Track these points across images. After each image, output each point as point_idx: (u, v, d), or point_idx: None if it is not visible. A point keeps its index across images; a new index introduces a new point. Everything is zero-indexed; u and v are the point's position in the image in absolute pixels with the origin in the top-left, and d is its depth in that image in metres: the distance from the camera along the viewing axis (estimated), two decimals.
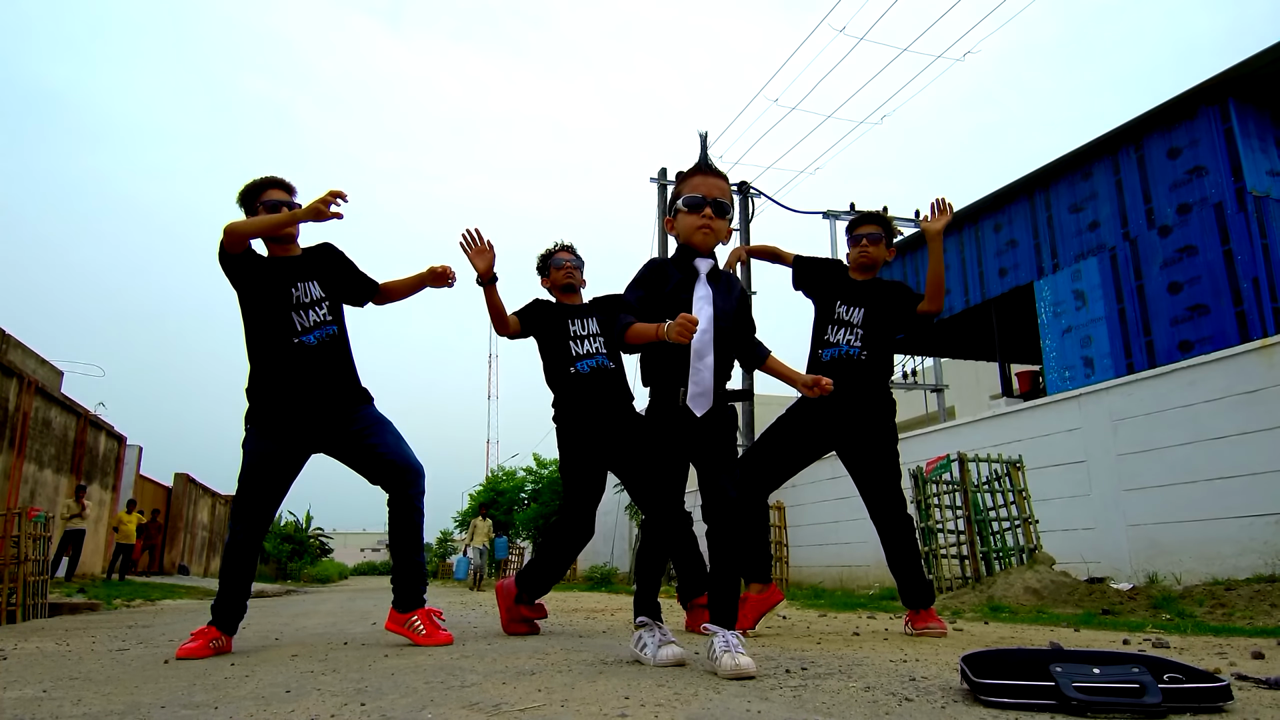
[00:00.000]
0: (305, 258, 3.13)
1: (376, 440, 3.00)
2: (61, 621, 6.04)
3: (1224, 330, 7.55)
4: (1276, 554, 6.35)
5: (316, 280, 3.08)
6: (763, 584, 3.40)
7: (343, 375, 3.05)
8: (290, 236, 3.09)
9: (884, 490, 3.34)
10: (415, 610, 3.00)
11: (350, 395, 3.05)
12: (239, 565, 2.92)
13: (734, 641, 2.02)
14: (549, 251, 3.78)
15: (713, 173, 2.38)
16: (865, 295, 3.52)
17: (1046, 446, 8.40)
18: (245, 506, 2.90)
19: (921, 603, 3.31)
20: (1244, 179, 7.55)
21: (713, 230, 2.34)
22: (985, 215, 10.51)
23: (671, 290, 2.33)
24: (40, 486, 13.76)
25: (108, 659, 2.77)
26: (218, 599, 2.90)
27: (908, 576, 3.30)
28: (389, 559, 3.14)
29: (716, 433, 2.27)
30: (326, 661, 2.42)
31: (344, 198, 2.84)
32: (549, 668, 2.15)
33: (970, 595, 5.60)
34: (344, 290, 3.20)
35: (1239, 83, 7.71)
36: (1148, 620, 3.90)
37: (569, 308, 3.66)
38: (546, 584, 3.46)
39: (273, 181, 3.09)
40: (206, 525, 27.74)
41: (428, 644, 2.87)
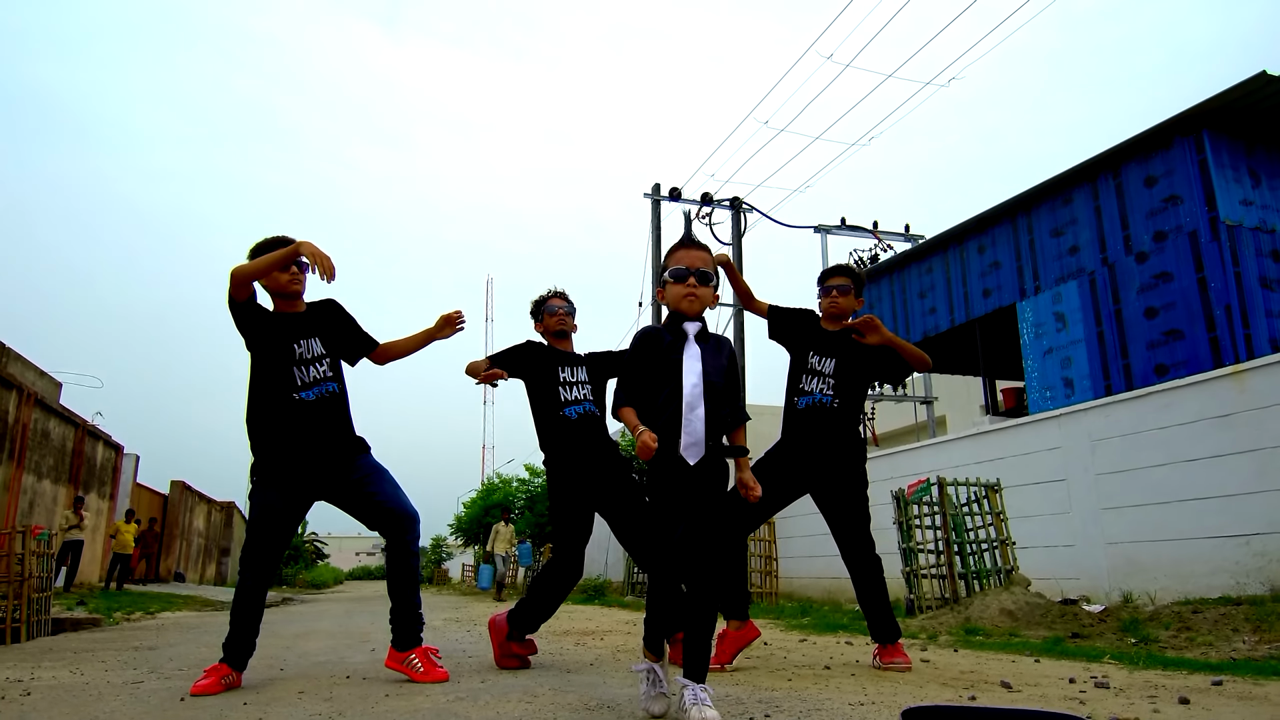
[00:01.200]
0: (309, 314, 3.31)
1: (375, 489, 3.19)
2: (67, 641, 6.20)
3: (1198, 355, 7.79)
4: (1246, 574, 6.58)
5: (319, 337, 3.25)
6: (740, 621, 3.57)
7: (339, 429, 3.23)
8: (296, 294, 3.27)
9: (854, 533, 3.56)
10: (413, 649, 3.18)
11: (347, 447, 3.24)
12: (249, 608, 3.11)
13: (702, 696, 2.21)
14: (543, 298, 3.96)
15: (695, 246, 2.62)
16: (836, 345, 3.71)
17: (1028, 465, 8.63)
18: (254, 554, 3.10)
19: (888, 638, 3.51)
20: (1217, 208, 7.79)
21: (698, 297, 2.56)
22: (970, 236, 10.75)
23: (663, 352, 2.54)
24: (39, 497, 13.90)
25: (125, 694, 2.96)
26: (229, 638, 3.09)
27: (876, 614, 3.52)
28: (383, 564, 3.35)
29: (708, 487, 2.44)
30: (332, 702, 2.62)
31: (330, 276, 3.01)
32: (539, 713, 2.36)
33: (948, 616, 5.80)
34: (342, 347, 3.36)
35: (1213, 115, 7.96)
36: (1108, 649, 4.11)
37: (560, 354, 3.84)
38: (537, 622, 3.63)
39: (281, 240, 3.28)
40: (202, 532, 27.86)
41: (424, 681, 3.06)
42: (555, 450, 3.69)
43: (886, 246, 16.52)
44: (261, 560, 3.10)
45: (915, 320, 11.84)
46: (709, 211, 15.63)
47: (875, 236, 16.71)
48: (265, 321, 3.19)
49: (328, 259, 2.98)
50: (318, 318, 3.33)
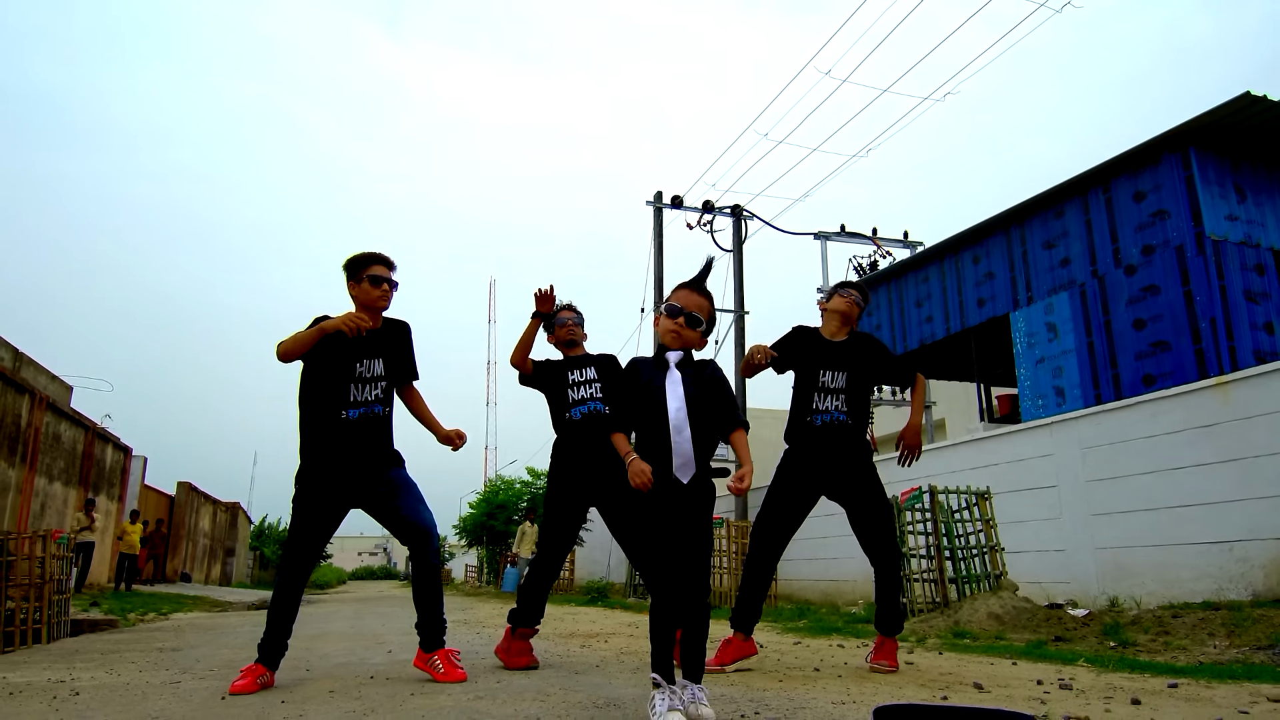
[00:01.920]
0: (381, 333, 3.54)
1: (399, 502, 3.45)
2: (90, 642, 6.44)
3: (1184, 366, 8.02)
4: (1229, 579, 6.82)
5: (382, 359, 3.50)
6: (745, 635, 3.81)
7: (378, 447, 3.48)
8: (380, 310, 3.53)
9: (879, 525, 3.78)
10: (437, 651, 3.45)
11: (383, 462, 3.49)
12: (286, 605, 3.38)
13: (700, 695, 2.43)
14: (554, 311, 4.21)
15: (698, 292, 2.76)
16: (847, 358, 3.86)
17: (1021, 471, 8.87)
18: (293, 554, 3.38)
19: (891, 630, 3.74)
20: (1203, 224, 8.03)
21: (680, 336, 2.72)
22: (965, 247, 10.99)
23: (646, 381, 2.72)
24: (50, 499, 14.14)
25: (168, 693, 3.20)
26: (266, 637, 3.35)
27: (887, 603, 3.76)
28: (384, 564, 3.64)
29: (696, 509, 2.62)
30: (362, 700, 2.86)
31: (363, 330, 3.32)
32: (551, 711, 2.61)
33: (938, 619, 6.05)
34: (396, 373, 3.59)
35: (1200, 132, 8.20)
36: (1085, 652, 4.35)
37: (570, 359, 4.11)
38: (536, 614, 3.91)
39: (377, 258, 3.52)
40: (208, 533, 28.12)
41: (445, 680, 3.32)
42: (558, 449, 3.98)
43: (886, 253, 16.75)
44: (300, 560, 3.38)
45: (912, 328, 12.09)
46: (710, 219, 15.89)
47: (874, 243, 16.94)
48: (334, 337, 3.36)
49: (360, 322, 3.29)
50: (387, 338, 3.56)
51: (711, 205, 15.77)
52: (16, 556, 6.90)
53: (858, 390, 3.85)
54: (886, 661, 3.69)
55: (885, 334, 12.73)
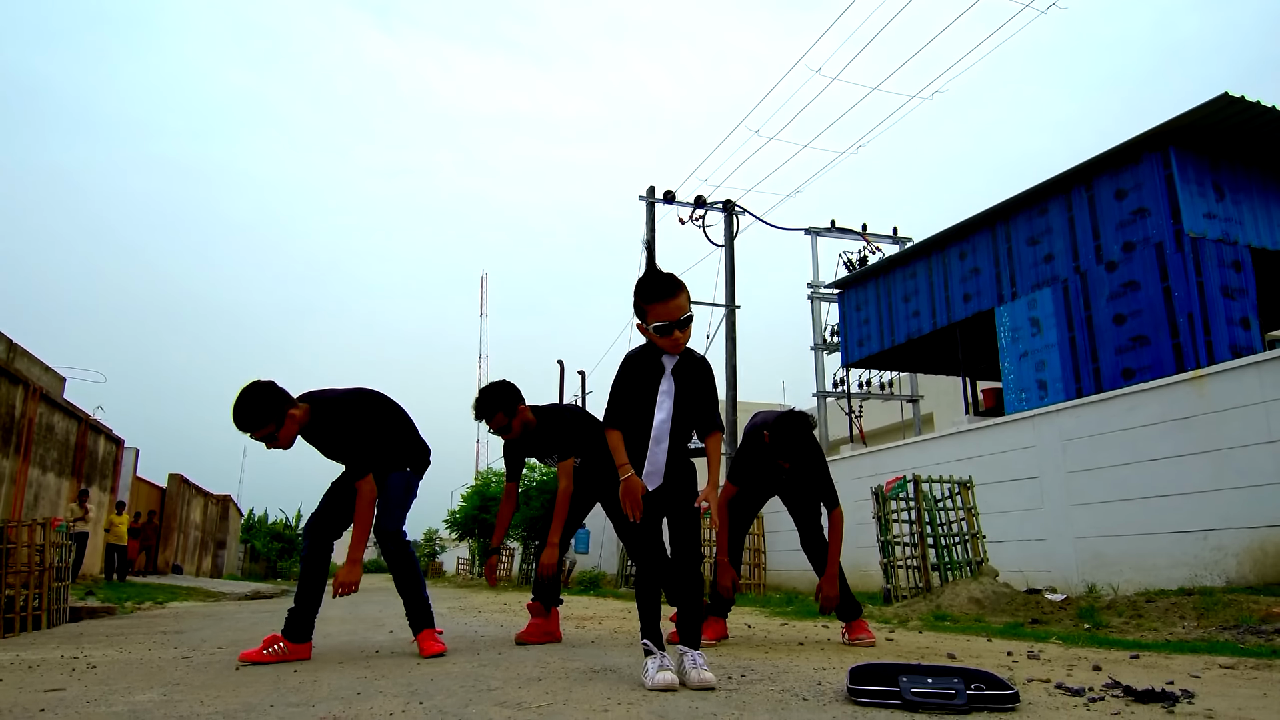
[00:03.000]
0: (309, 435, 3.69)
1: (379, 504, 3.71)
2: (91, 627, 6.56)
3: (1162, 360, 8.24)
4: (1203, 566, 7.04)
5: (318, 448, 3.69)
6: (720, 618, 4.16)
7: (379, 475, 3.70)
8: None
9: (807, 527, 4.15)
10: (420, 630, 3.66)
11: (388, 466, 3.74)
12: (314, 574, 3.64)
13: (699, 661, 2.56)
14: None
15: (673, 294, 2.75)
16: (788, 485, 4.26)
17: (1004, 462, 9.08)
18: (316, 524, 3.64)
19: (850, 615, 4.05)
20: (1182, 221, 8.24)
21: (680, 343, 2.79)
22: (952, 243, 11.19)
23: (642, 385, 2.82)
24: (44, 490, 14.20)
25: (183, 665, 3.35)
26: (294, 610, 3.57)
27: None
28: (378, 558, 3.86)
29: (676, 495, 2.79)
30: (371, 669, 3.02)
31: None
32: (551, 675, 2.78)
33: (921, 604, 6.24)
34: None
35: (1180, 132, 8.40)
36: (1057, 631, 4.54)
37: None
38: (555, 593, 4.20)
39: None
40: (199, 525, 28.15)
41: (425, 654, 3.50)
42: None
43: (875, 248, 16.95)
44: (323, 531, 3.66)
45: (899, 323, 12.28)
46: (702, 214, 16.04)
47: (864, 239, 17.14)
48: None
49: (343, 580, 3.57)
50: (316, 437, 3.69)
51: (703, 200, 15.93)
52: (16, 544, 7.02)
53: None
54: (864, 635, 3.93)
55: (873, 328, 12.93)
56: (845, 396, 15.89)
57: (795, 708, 2.10)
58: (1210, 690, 2.41)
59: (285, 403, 3.38)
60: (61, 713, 2.24)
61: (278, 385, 3.42)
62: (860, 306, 13.31)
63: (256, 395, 3.32)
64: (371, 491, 3.47)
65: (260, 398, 3.32)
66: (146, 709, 2.27)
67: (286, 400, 3.40)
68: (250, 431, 3.33)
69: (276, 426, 3.35)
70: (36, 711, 2.26)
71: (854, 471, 11.56)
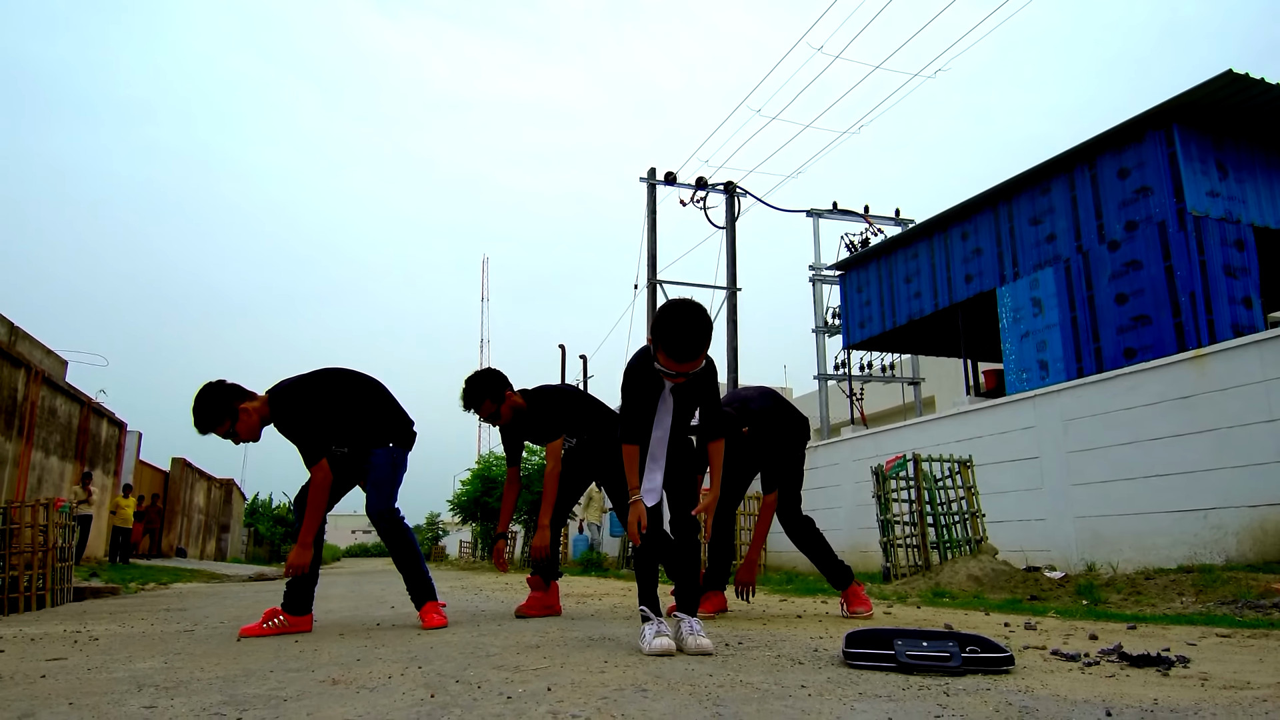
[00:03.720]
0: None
1: (367, 484, 3.73)
2: (95, 605, 6.60)
3: (1163, 340, 8.22)
4: (1203, 545, 7.05)
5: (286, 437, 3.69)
6: (719, 591, 4.17)
7: (359, 451, 3.73)
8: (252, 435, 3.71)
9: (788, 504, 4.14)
10: (422, 604, 3.69)
11: (367, 444, 3.73)
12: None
13: (696, 627, 2.59)
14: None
15: (688, 359, 2.57)
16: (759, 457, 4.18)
17: (1004, 443, 9.08)
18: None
19: (841, 583, 4.06)
20: (1185, 200, 8.20)
21: (678, 382, 2.69)
22: (954, 223, 11.15)
23: (644, 399, 2.79)
24: (47, 473, 14.25)
25: (185, 638, 3.37)
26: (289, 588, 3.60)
27: (822, 566, 4.09)
28: (378, 541, 3.88)
29: (678, 472, 2.87)
30: (372, 639, 3.04)
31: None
32: (550, 642, 2.79)
33: (920, 581, 6.26)
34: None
35: (1183, 110, 8.34)
36: (1055, 606, 4.56)
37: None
38: (554, 568, 4.22)
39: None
40: (203, 509, 28.28)
41: (427, 627, 3.54)
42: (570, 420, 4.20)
43: (877, 230, 16.90)
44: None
45: (901, 304, 12.26)
46: (703, 196, 15.99)
47: (866, 220, 17.08)
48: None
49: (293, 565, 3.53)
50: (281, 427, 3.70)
51: (705, 182, 15.87)
52: (19, 525, 7.06)
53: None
54: (862, 608, 3.94)
55: (875, 309, 12.90)
56: (847, 379, 15.88)
57: (790, 670, 2.11)
58: (1206, 656, 2.42)
59: (235, 398, 3.46)
60: (62, 679, 2.25)
61: (228, 383, 3.51)
62: (862, 288, 13.28)
63: (206, 396, 3.42)
64: (324, 478, 3.47)
65: (209, 398, 3.42)
66: (147, 675, 2.28)
67: (237, 395, 3.48)
68: (207, 431, 3.43)
69: (232, 422, 3.44)
70: (38, 678, 2.27)
71: (855, 453, 11.57)
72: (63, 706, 1.82)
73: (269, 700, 1.83)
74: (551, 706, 1.67)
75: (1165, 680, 1.99)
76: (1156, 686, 1.90)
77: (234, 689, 2.00)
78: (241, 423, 3.46)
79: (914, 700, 1.72)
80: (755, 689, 1.85)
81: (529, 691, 1.85)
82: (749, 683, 1.93)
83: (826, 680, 1.95)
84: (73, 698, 1.92)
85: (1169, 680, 1.99)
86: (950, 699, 1.73)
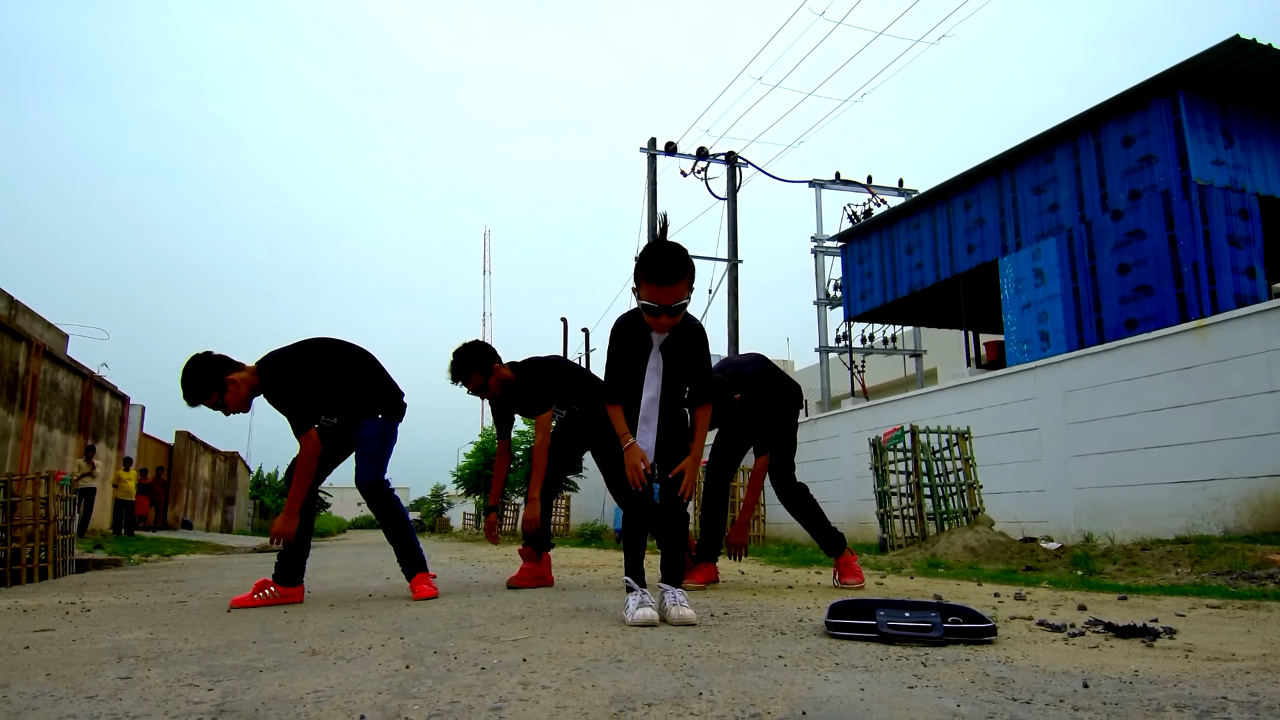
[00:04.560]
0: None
1: (356, 455, 3.71)
2: (95, 577, 6.65)
3: (1165, 310, 8.15)
4: (1201, 516, 7.04)
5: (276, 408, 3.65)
6: (711, 563, 4.15)
7: (348, 422, 3.69)
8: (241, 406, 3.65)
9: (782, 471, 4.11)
10: (412, 575, 3.69)
11: (357, 415, 3.70)
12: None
13: (680, 598, 2.62)
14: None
15: (671, 280, 2.62)
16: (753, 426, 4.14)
17: (1004, 414, 9.06)
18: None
19: (834, 551, 4.06)
20: (1190, 168, 8.09)
21: (668, 325, 2.72)
22: (956, 193, 11.03)
23: (632, 359, 2.82)
24: (50, 446, 14.31)
25: (176, 609, 3.38)
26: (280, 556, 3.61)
27: (814, 533, 4.07)
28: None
29: (668, 442, 2.87)
30: (361, 610, 3.04)
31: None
32: (535, 613, 2.79)
33: (915, 552, 6.26)
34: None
35: (1190, 76, 8.20)
36: (1049, 577, 4.55)
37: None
38: (546, 539, 4.21)
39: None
40: (208, 481, 28.45)
41: (417, 598, 3.55)
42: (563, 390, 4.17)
43: (880, 201, 16.76)
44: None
45: (903, 275, 12.18)
46: (705, 166, 15.86)
47: (869, 191, 16.94)
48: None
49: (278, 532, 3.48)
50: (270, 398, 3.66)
51: (706, 152, 15.72)
52: (20, 498, 7.09)
53: None
54: (854, 579, 3.93)
55: (876, 281, 12.82)
56: (847, 351, 15.84)
57: (771, 640, 2.10)
58: (1194, 627, 2.40)
59: (223, 369, 3.47)
60: (45, 650, 2.25)
61: (216, 355, 3.51)
62: (863, 259, 13.18)
63: (194, 368, 3.43)
64: (313, 448, 3.45)
65: (197, 369, 3.42)
66: (129, 645, 2.28)
67: (225, 367, 3.48)
68: (196, 403, 3.43)
69: (221, 394, 3.44)
70: (21, 649, 2.27)
71: (854, 425, 11.56)
72: (39, 677, 1.81)
73: (245, 671, 1.82)
74: (523, 677, 1.66)
75: (1149, 651, 1.97)
76: (1139, 658, 1.88)
77: (213, 660, 1.99)
78: (230, 394, 3.45)
79: (890, 671, 1.71)
80: (732, 659, 1.84)
81: (504, 663, 1.84)
82: (726, 653, 1.92)
83: (805, 651, 1.94)
84: (51, 669, 1.92)
85: (1153, 651, 1.97)
86: (927, 669, 1.72)
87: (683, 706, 1.38)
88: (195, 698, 1.55)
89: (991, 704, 1.40)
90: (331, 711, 1.40)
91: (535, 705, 1.41)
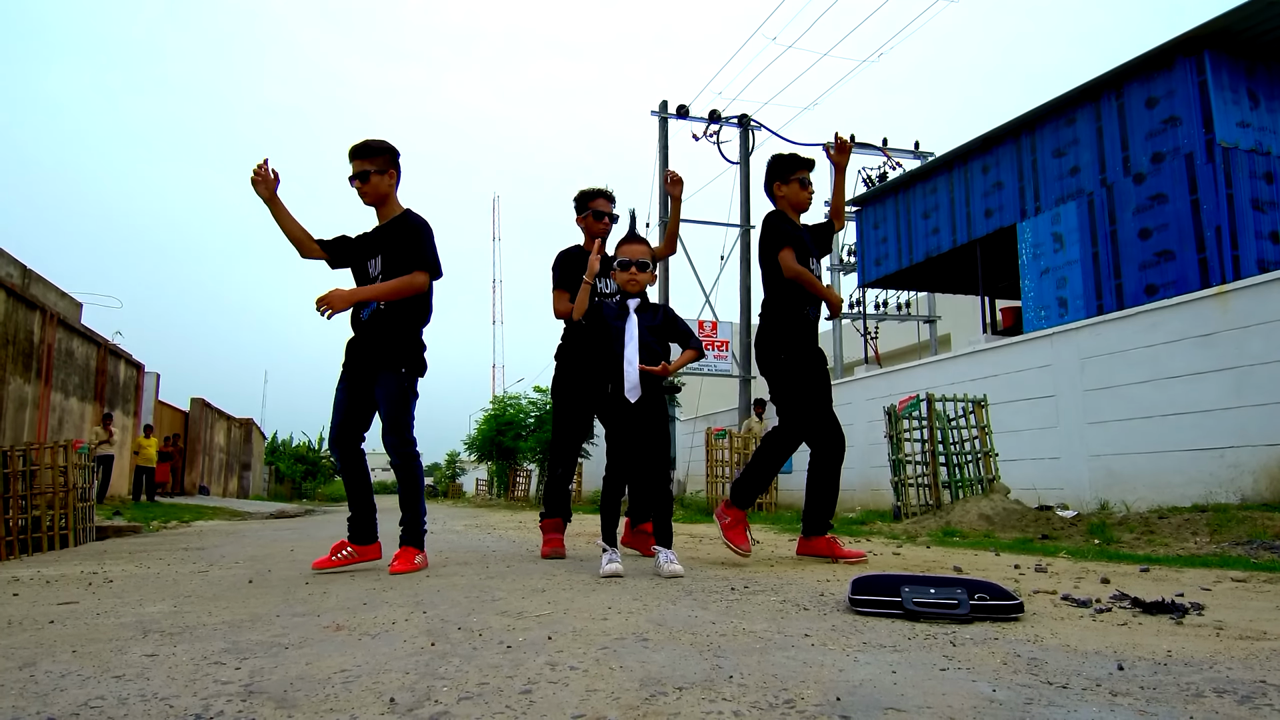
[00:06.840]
0: (382, 231, 3.61)
1: (381, 410, 3.56)
2: (116, 544, 6.72)
3: (1186, 276, 8.03)
4: (1219, 484, 6.99)
5: (381, 255, 3.55)
6: (744, 509, 3.74)
7: (384, 343, 3.53)
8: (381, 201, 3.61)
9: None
10: (400, 548, 3.56)
11: (383, 361, 3.53)
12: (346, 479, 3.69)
13: (671, 556, 3.12)
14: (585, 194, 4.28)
15: (635, 241, 3.49)
16: (817, 241, 3.87)
17: (1020, 381, 8.99)
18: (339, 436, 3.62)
19: (815, 530, 3.73)
20: (1214, 130, 7.91)
21: (637, 281, 3.40)
22: (974, 156, 10.85)
23: (610, 322, 3.35)
24: (67, 414, 14.44)
25: (198, 579, 3.40)
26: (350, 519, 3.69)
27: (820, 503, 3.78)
28: (394, 480, 3.75)
29: (645, 418, 3.26)
30: (383, 583, 3.05)
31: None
32: (556, 586, 2.79)
33: (930, 520, 6.26)
34: (398, 265, 3.55)
35: (1216, 36, 7.99)
36: (1067, 546, 4.53)
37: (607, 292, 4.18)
38: (564, 503, 4.24)
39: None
40: (223, 448, 28.73)
41: (393, 572, 3.39)
42: (563, 352, 4.17)
43: (896, 164, 16.52)
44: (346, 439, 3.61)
45: (919, 240, 12.03)
46: (717, 129, 15.63)
47: (885, 154, 16.70)
48: (351, 248, 3.65)
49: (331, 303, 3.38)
50: (388, 235, 3.58)
51: (718, 115, 15.49)
52: (39, 466, 7.17)
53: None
54: (849, 555, 3.70)
55: (891, 246, 12.68)
56: (861, 318, 15.73)
57: (795, 616, 2.09)
58: (1221, 603, 2.38)
59: (397, 159, 3.63)
60: (70, 624, 2.26)
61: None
62: (878, 224, 13.02)
63: (383, 140, 3.60)
64: (423, 285, 3.50)
65: (385, 143, 3.59)
66: (154, 619, 2.29)
67: (398, 160, 3.64)
68: (360, 158, 3.53)
69: (380, 170, 3.55)
70: (46, 624, 2.29)
71: (868, 392, 11.51)
72: (66, 655, 1.82)
73: (270, 647, 1.82)
74: (550, 657, 1.65)
75: (1179, 629, 1.95)
76: (1170, 636, 1.86)
77: (238, 635, 2.00)
78: (386, 176, 3.56)
79: (919, 651, 1.69)
80: (758, 638, 1.82)
81: (529, 640, 1.83)
82: (751, 631, 1.91)
83: (830, 629, 1.92)
84: (77, 645, 1.93)
85: (1183, 629, 1.95)
86: (957, 649, 1.70)
87: (714, 691, 1.37)
88: (223, 677, 1.55)
89: (1027, 688, 1.38)
90: (360, 693, 1.40)
91: (565, 689, 1.40)
